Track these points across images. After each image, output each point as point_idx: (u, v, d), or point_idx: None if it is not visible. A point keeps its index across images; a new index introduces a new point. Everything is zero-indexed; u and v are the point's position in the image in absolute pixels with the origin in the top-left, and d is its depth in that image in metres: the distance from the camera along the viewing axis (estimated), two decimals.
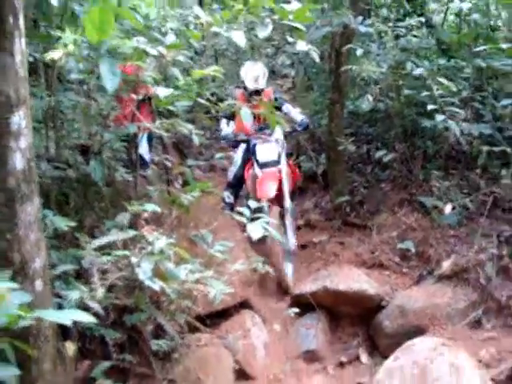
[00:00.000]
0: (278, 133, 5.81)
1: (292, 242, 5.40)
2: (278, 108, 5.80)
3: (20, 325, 1.78)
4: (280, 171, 5.54)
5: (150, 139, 5.07)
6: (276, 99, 6.01)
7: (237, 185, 6.07)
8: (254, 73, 5.88)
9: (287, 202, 5.42)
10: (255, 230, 3.01)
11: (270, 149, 5.63)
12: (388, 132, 6.23)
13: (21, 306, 1.75)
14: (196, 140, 3.20)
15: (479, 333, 4.30)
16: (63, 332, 2.58)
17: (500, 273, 4.54)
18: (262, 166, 5.57)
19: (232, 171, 6.11)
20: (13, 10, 1.97)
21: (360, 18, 5.57)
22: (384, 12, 6.57)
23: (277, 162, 5.58)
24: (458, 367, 3.64)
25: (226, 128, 5.97)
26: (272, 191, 5.37)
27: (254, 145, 5.67)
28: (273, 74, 10.53)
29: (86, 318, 1.77)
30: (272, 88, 6.28)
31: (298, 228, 6.15)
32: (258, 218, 3.06)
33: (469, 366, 3.65)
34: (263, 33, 3.35)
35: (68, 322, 1.72)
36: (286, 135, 5.99)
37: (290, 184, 5.70)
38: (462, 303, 4.50)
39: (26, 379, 2.22)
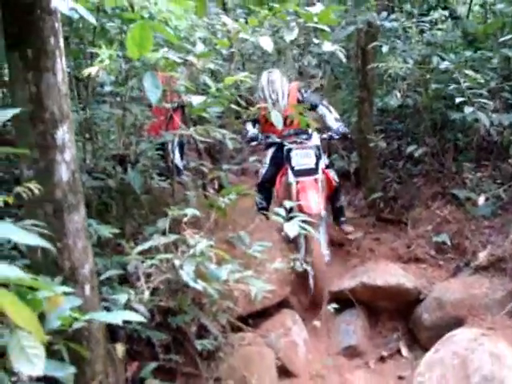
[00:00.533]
0: (316, 138, 5.47)
1: (326, 253, 5.19)
2: (312, 109, 5.56)
3: (73, 327, 1.88)
4: (317, 180, 5.20)
5: (181, 147, 5.17)
6: (303, 100, 5.54)
7: (267, 188, 5.66)
8: (269, 88, 5.38)
9: (322, 212, 5.10)
10: (292, 229, 3.08)
11: (306, 155, 5.23)
12: (418, 127, 6.25)
13: (72, 309, 1.86)
14: (230, 144, 3.30)
15: None
16: (112, 335, 2.70)
17: None
18: (298, 174, 5.17)
19: (261, 174, 5.72)
20: (53, 31, 2.08)
21: (384, 14, 5.63)
22: (408, 7, 6.56)
23: (314, 171, 5.21)
24: (499, 356, 3.67)
25: (253, 130, 5.60)
26: (318, 204, 4.97)
27: (289, 150, 5.25)
28: (300, 75, 10.61)
29: (135, 318, 1.88)
30: (297, 85, 5.80)
31: None
32: (293, 218, 3.14)
33: (509, 354, 3.67)
34: (289, 36, 3.44)
35: (118, 322, 1.82)
36: (322, 141, 5.60)
37: (326, 192, 5.43)
38: (500, 293, 4.50)
39: (81, 380, 2.33)
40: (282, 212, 3.17)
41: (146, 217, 3.50)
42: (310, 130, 5.35)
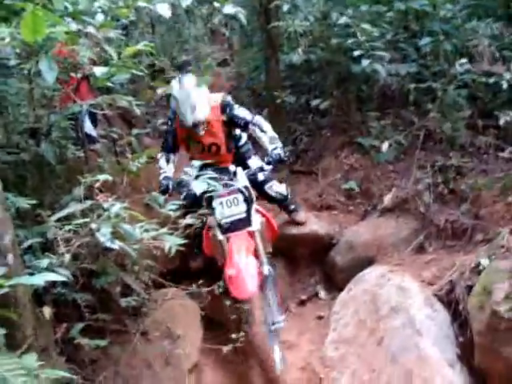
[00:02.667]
0: (242, 177, 4.35)
1: (278, 319, 3.98)
2: (240, 128, 4.60)
3: None
4: (251, 234, 4.15)
5: (93, 115, 5.18)
6: (230, 119, 4.46)
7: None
8: (188, 102, 4.18)
9: (266, 269, 4.05)
10: (198, 186, 3.21)
11: (233, 203, 4.12)
12: (323, 81, 6.47)
13: None
14: (137, 111, 3.41)
15: (422, 256, 4.66)
16: (39, 299, 2.82)
17: (437, 200, 4.89)
18: (226, 229, 4.11)
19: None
20: None
21: None
22: None
23: (246, 221, 4.15)
24: (404, 289, 4.01)
25: (166, 167, 4.45)
26: (252, 285, 3.83)
27: (210, 198, 4.02)
28: (212, 34, 10.67)
29: (57, 278, 2.04)
30: (221, 97, 4.53)
31: None
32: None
33: (413, 286, 4.02)
34: (185, 2, 3.56)
35: (41, 282, 1.98)
36: (252, 175, 4.49)
37: (267, 240, 4.37)
38: (405, 232, 4.86)
39: (12, 345, 2.46)
40: (192, 170, 3.31)
41: (63, 186, 3.58)
42: (232, 167, 4.43)
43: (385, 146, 5.33)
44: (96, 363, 3.25)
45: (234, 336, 3.60)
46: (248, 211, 4.14)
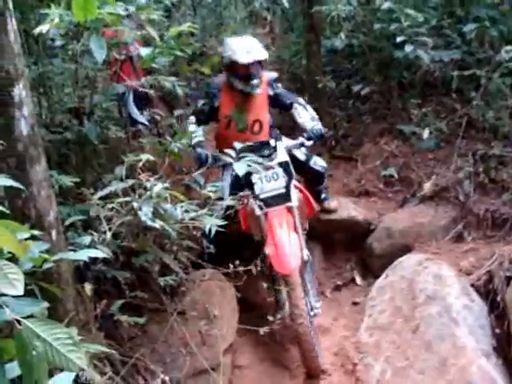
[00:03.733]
0: (281, 152, 4.18)
1: (316, 306, 4.01)
2: (283, 107, 4.60)
3: (43, 268, 2.07)
4: (290, 209, 4.02)
5: (138, 97, 5.21)
6: (275, 97, 4.48)
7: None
8: (245, 45, 4.22)
9: (305, 254, 3.95)
10: (240, 168, 3.17)
11: (273, 178, 3.99)
12: (365, 66, 6.41)
13: (41, 252, 2.05)
14: (180, 91, 3.44)
15: (460, 246, 4.63)
16: (80, 276, 2.89)
17: (477, 189, 4.84)
18: (265, 203, 3.96)
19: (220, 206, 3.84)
20: None
21: None
22: None
23: (285, 196, 4.01)
24: (441, 277, 3.99)
25: (198, 132, 4.28)
26: (295, 256, 3.77)
27: (249, 173, 3.78)
28: (251, 17, 10.61)
29: (99, 254, 2.09)
30: (267, 76, 4.50)
31: None
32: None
33: (451, 275, 4.00)
34: None
35: (84, 258, 2.03)
36: (291, 150, 4.37)
37: (305, 217, 4.34)
38: (444, 220, 4.82)
39: (53, 319, 2.53)
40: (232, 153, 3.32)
41: (105, 166, 3.64)
42: (272, 141, 4.22)
43: (426, 133, 5.30)
44: (134, 340, 3.32)
45: (270, 318, 3.63)
46: (287, 186, 4.01)
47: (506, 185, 4.68)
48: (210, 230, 3.06)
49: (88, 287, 2.78)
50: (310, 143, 4.28)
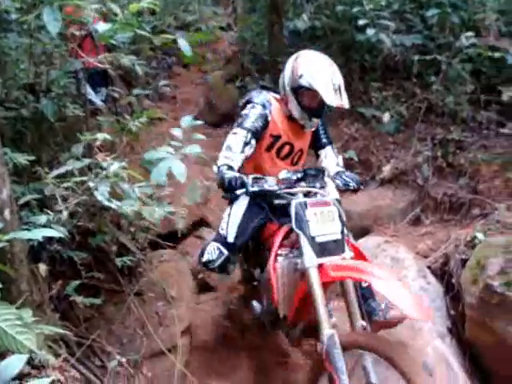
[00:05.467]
0: (332, 187, 3.11)
1: None
2: (319, 143, 3.71)
3: None
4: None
5: (97, 75, 5.12)
6: (321, 124, 3.68)
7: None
8: (332, 78, 3.11)
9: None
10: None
11: (329, 217, 2.84)
12: (328, 48, 6.40)
13: None
14: (139, 70, 3.37)
15: (418, 229, 4.69)
16: (35, 256, 2.83)
17: (435, 173, 4.91)
18: (322, 251, 2.73)
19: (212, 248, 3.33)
20: None
21: None
22: None
23: (341, 245, 2.82)
24: (399, 259, 4.04)
25: (235, 159, 3.13)
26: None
27: (303, 205, 2.80)
28: None
29: (54, 234, 2.04)
30: None
31: None
32: None
33: (408, 257, 4.05)
34: None
35: (39, 237, 1.98)
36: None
37: None
38: (402, 203, 4.88)
39: (7, 300, 2.48)
40: None
41: (61, 144, 3.56)
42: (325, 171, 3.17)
43: (386, 117, 5.33)
44: (90, 321, 3.29)
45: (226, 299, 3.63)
46: (343, 232, 2.86)
47: (464, 169, 4.75)
48: None
49: (43, 267, 2.72)
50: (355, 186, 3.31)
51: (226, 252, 3.25)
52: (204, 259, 3.29)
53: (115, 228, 3.31)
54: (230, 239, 3.27)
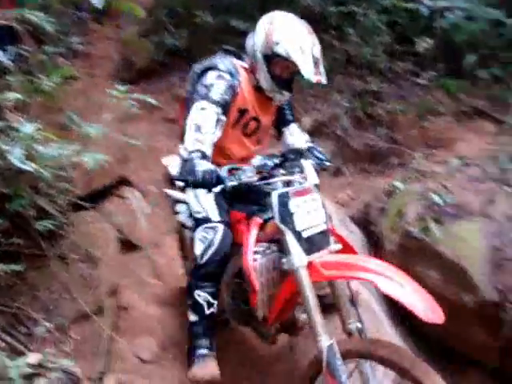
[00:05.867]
0: (311, 171, 2.75)
1: None
2: (282, 120, 3.40)
3: None
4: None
5: (2, 31, 4.85)
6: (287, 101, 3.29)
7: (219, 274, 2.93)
8: (312, 48, 2.75)
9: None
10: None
11: (312, 207, 2.56)
12: (245, 1, 6.33)
13: None
14: (48, 27, 3.22)
15: (339, 179, 4.79)
16: None
17: (354, 124, 4.99)
18: (310, 246, 2.46)
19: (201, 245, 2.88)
20: None
21: None
22: None
23: (327, 237, 2.58)
24: None
25: (213, 132, 2.76)
26: None
27: (285, 196, 2.49)
28: None
29: None
30: None
31: None
32: None
33: (329, 208, 4.12)
34: None
35: None
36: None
37: None
38: None
39: None
40: None
41: None
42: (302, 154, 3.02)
43: None
44: (13, 288, 3.19)
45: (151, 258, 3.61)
46: (326, 221, 2.60)
47: (382, 120, 4.85)
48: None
49: None
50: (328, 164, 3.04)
51: (219, 226, 2.83)
52: (202, 249, 2.83)
53: (33, 192, 3.19)
54: (215, 218, 2.87)
